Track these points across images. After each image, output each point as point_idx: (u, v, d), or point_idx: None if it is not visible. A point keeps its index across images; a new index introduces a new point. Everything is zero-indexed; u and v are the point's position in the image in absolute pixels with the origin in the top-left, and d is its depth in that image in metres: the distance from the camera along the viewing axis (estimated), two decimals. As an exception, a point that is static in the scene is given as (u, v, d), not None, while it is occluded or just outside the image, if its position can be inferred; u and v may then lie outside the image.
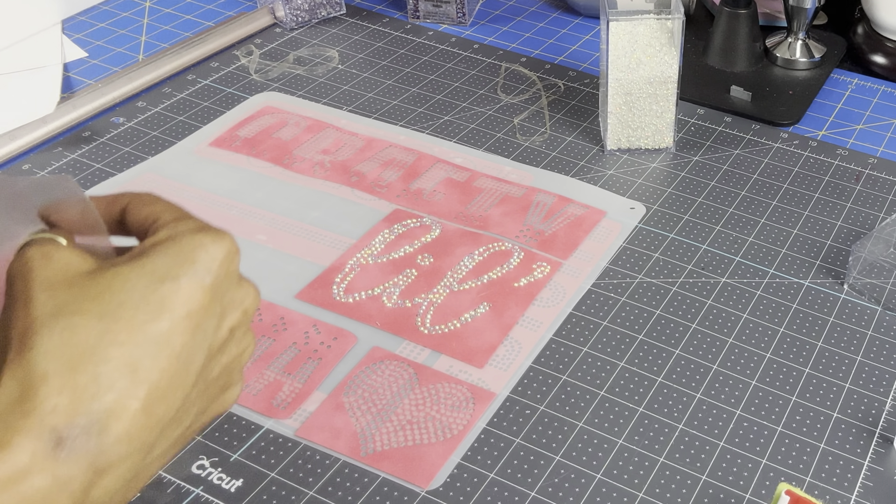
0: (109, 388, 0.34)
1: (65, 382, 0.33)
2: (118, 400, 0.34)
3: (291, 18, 0.99)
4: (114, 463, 0.34)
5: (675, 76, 0.78)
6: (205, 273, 0.37)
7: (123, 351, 0.34)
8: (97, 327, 0.34)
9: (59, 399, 0.33)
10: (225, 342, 0.39)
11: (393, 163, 0.81)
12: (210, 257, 0.38)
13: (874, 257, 0.69)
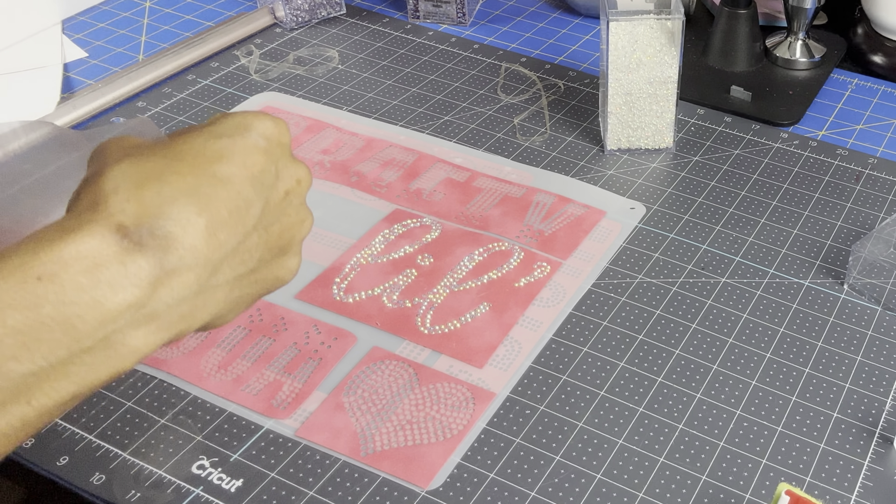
0: (173, 203, 0.36)
1: (131, 195, 0.36)
2: (181, 213, 0.36)
3: (291, 18, 0.99)
4: (178, 268, 0.36)
5: (675, 76, 0.78)
6: (258, 137, 0.40)
7: (186, 181, 0.37)
8: (161, 162, 0.37)
9: (126, 205, 0.36)
10: (281, 202, 0.41)
11: (393, 163, 0.81)
12: (263, 126, 0.41)
13: (874, 257, 0.69)
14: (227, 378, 0.62)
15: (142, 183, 0.37)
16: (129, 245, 0.35)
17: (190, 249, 0.37)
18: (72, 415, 0.60)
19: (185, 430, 0.59)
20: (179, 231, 0.37)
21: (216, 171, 0.39)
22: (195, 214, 0.37)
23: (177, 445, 0.58)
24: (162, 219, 0.36)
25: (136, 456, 0.57)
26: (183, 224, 0.37)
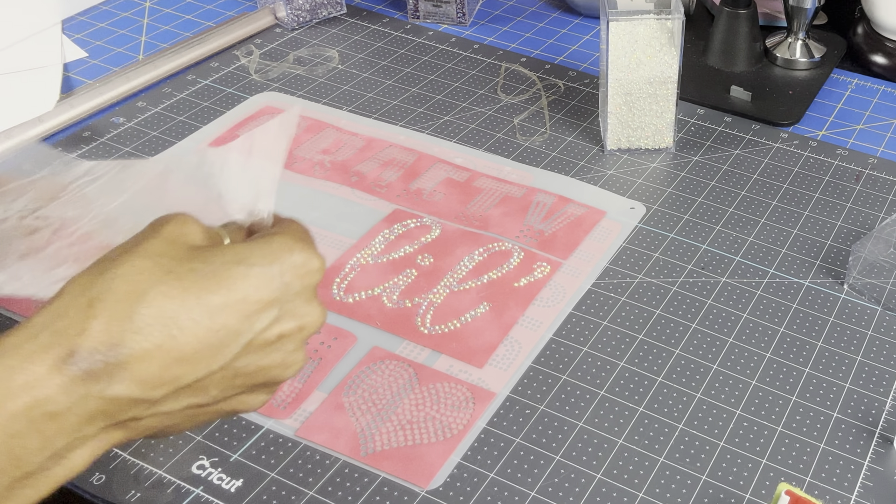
0: (139, 331, 0.35)
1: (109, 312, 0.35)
2: (142, 343, 0.35)
3: (292, 18, 0.99)
4: (119, 396, 0.35)
5: (675, 76, 0.78)
6: (279, 272, 0.39)
7: (166, 306, 0.36)
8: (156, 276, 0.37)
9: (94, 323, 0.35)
10: (270, 344, 0.40)
11: (393, 163, 0.81)
12: (292, 261, 0.40)
13: (874, 257, 0.69)
14: (227, 378, 0.62)
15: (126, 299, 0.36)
16: (70, 370, 0.35)
17: (137, 382, 0.36)
18: (72, 415, 0.60)
19: (185, 430, 0.59)
20: (133, 362, 0.35)
21: (207, 301, 0.37)
22: (156, 346, 0.36)
23: (177, 445, 0.58)
24: (120, 346, 0.35)
25: (136, 456, 0.57)
26: (139, 355, 0.35)
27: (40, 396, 0.34)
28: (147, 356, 0.36)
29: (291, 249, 0.40)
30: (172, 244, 0.39)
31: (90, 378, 0.35)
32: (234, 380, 0.39)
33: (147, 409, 0.37)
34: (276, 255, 0.39)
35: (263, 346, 0.39)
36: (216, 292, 0.37)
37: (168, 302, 0.36)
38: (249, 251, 0.39)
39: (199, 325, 0.37)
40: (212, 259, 0.38)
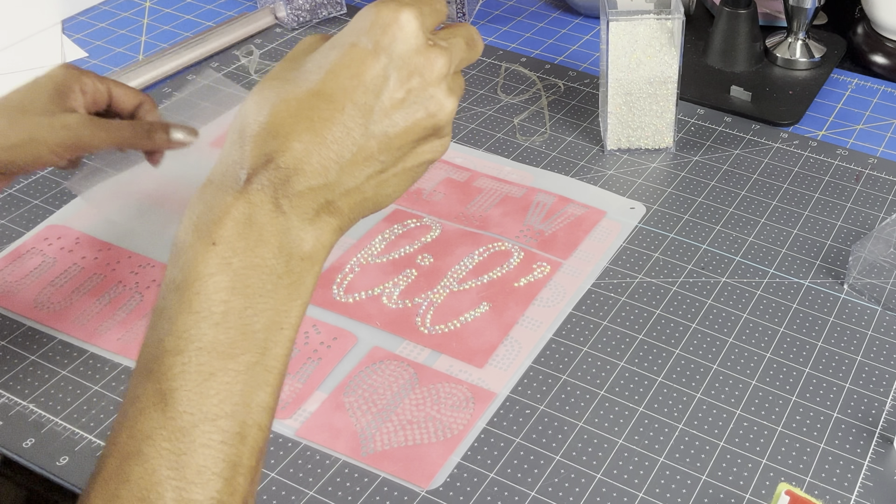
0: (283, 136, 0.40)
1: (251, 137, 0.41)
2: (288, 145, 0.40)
3: (293, 18, 0.99)
4: (301, 191, 0.40)
5: (675, 76, 0.78)
6: (367, 40, 0.42)
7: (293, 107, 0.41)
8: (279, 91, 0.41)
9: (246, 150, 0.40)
10: (402, 101, 0.42)
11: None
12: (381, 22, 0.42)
13: (874, 257, 0.69)
14: (227, 378, 0.62)
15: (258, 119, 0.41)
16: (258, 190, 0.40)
17: (307, 174, 0.40)
18: (72, 415, 0.60)
19: (185, 430, 0.59)
20: (293, 162, 0.40)
21: (319, 89, 0.41)
22: (301, 142, 0.40)
23: (177, 445, 0.58)
24: (276, 156, 0.40)
25: (136, 456, 0.57)
26: (294, 155, 0.40)
27: (238, 215, 0.39)
28: (300, 153, 0.40)
29: (378, 16, 0.42)
30: (291, 59, 0.43)
31: (271, 188, 0.40)
32: (390, 141, 0.43)
33: (331, 191, 0.41)
34: (365, 27, 0.42)
35: (397, 104, 0.42)
36: (330, 80, 0.41)
37: (296, 104, 0.41)
38: (342, 34, 0.43)
39: (327, 110, 0.41)
40: (317, 55, 0.42)
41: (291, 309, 0.41)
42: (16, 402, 0.61)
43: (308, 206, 0.41)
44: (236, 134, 0.41)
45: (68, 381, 0.62)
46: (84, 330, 0.65)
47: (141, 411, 0.38)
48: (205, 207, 0.40)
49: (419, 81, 0.43)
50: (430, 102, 0.43)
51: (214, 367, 0.38)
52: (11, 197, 0.77)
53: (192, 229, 0.40)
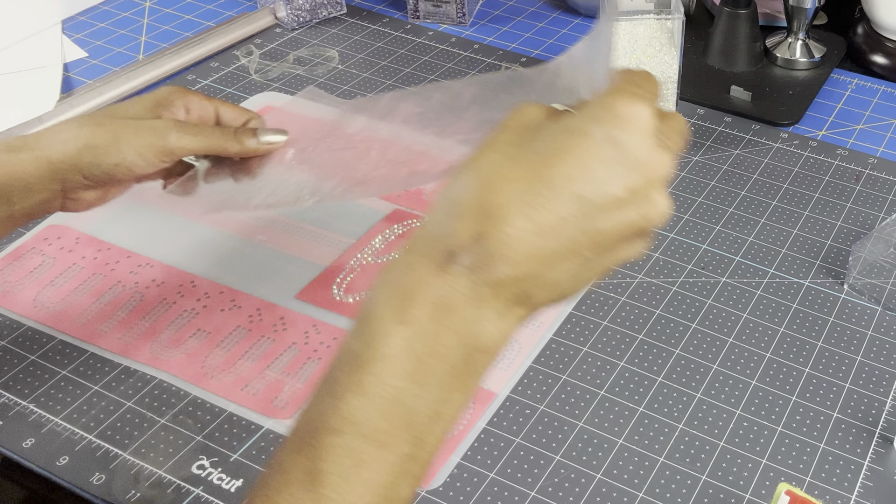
0: (498, 219, 0.38)
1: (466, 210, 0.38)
2: (502, 229, 0.38)
3: (292, 18, 0.99)
4: (501, 279, 0.38)
5: (675, 76, 0.78)
6: (606, 133, 0.40)
7: (517, 189, 0.38)
8: (505, 166, 0.39)
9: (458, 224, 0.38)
10: (621, 200, 0.40)
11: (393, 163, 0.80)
12: (617, 120, 0.40)
13: (874, 257, 0.69)
14: (227, 378, 0.62)
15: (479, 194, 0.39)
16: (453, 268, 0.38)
17: (511, 263, 0.38)
18: (72, 415, 0.60)
19: (185, 430, 0.59)
20: (501, 247, 0.38)
21: (549, 176, 0.39)
22: (516, 229, 0.38)
23: (177, 445, 0.58)
24: (486, 238, 0.38)
25: (136, 456, 0.57)
26: (504, 240, 0.38)
27: (435, 297, 0.38)
28: (511, 239, 0.38)
29: (614, 107, 0.40)
30: (514, 131, 0.41)
31: (472, 271, 0.38)
32: (601, 239, 0.40)
33: (532, 283, 0.39)
34: (600, 117, 0.40)
35: (616, 203, 0.40)
36: (555, 166, 0.39)
37: (515, 186, 0.38)
38: (575, 119, 0.40)
39: (548, 199, 0.38)
40: (545, 135, 0.40)
41: (455, 400, 0.39)
42: (16, 402, 0.61)
43: (505, 296, 0.39)
44: (447, 202, 0.39)
45: (68, 381, 0.62)
46: (84, 330, 0.65)
47: (286, 484, 0.37)
48: (402, 277, 0.39)
49: (643, 182, 0.40)
50: (648, 205, 0.41)
51: (369, 456, 0.37)
52: (11, 197, 0.77)
53: (384, 301, 0.38)
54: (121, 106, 0.60)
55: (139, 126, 0.58)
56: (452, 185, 0.40)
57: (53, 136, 0.57)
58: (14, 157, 0.56)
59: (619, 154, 0.40)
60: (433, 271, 0.38)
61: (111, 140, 0.57)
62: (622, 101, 0.41)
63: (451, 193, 0.40)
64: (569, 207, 0.39)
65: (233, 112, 0.63)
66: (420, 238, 0.39)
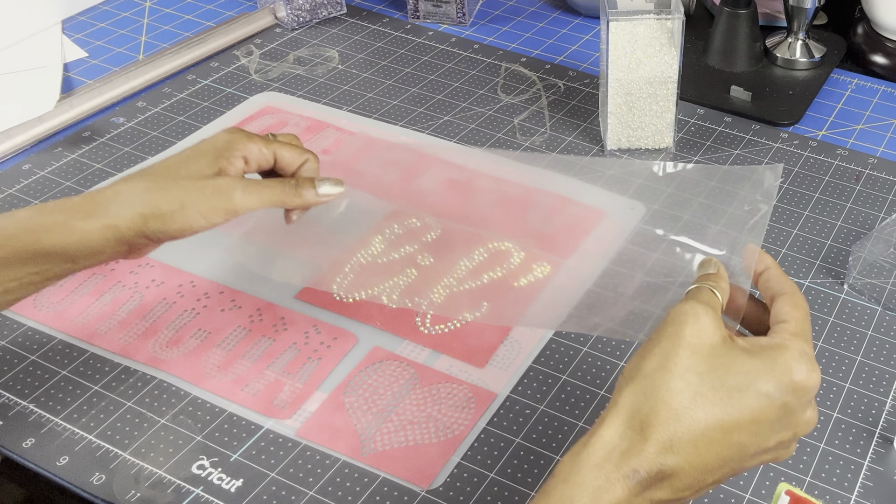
0: (676, 451, 0.43)
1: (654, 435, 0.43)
2: (677, 461, 0.43)
3: (292, 18, 0.99)
4: (661, 500, 0.44)
5: (675, 76, 0.78)
6: (780, 395, 0.44)
7: (697, 428, 0.43)
8: (692, 401, 0.44)
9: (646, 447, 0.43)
10: (769, 449, 0.46)
11: (393, 162, 0.81)
12: (793, 384, 0.45)
13: (874, 257, 0.69)
14: (227, 378, 0.62)
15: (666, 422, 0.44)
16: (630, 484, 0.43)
17: (673, 489, 0.44)
18: (72, 415, 0.60)
19: (185, 430, 0.59)
20: (671, 476, 0.43)
21: (725, 422, 0.44)
22: (687, 463, 0.43)
23: (177, 445, 0.58)
24: (663, 464, 0.43)
25: (136, 456, 0.57)
26: (674, 471, 0.43)
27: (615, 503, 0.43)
28: (680, 471, 0.43)
29: (792, 370, 0.45)
30: (695, 355, 0.45)
31: (643, 487, 0.43)
32: (738, 470, 0.46)
33: (676, 501, 0.45)
34: (780, 378, 0.45)
35: (765, 451, 0.46)
36: (732, 415, 0.44)
37: (696, 425, 0.43)
38: (756, 371, 0.45)
39: (719, 443, 0.44)
40: (726, 376, 0.45)
41: None
42: (16, 402, 0.61)
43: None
44: (636, 419, 0.44)
45: (68, 381, 0.62)
46: (84, 330, 0.65)
47: None
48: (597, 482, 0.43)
49: (791, 436, 0.46)
50: (785, 452, 0.47)
51: None
52: (11, 197, 0.77)
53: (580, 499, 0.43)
54: (182, 161, 0.61)
55: (204, 189, 0.59)
56: (642, 402, 0.44)
57: (121, 204, 0.58)
58: (83, 224, 0.57)
59: (786, 417, 0.45)
60: (622, 482, 0.43)
61: (177, 206, 0.58)
62: (802, 370, 0.45)
63: (640, 410, 0.44)
64: (731, 452, 0.44)
65: (290, 154, 0.63)
66: (610, 445, 0.44)
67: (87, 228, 0.57)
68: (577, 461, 0.45)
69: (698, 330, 0.46)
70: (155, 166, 0.61)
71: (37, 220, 0.57)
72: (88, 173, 0.80)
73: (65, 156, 0.82)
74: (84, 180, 0.79)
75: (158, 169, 0.60)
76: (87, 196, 0.59)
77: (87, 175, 0.80)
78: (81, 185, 0.78)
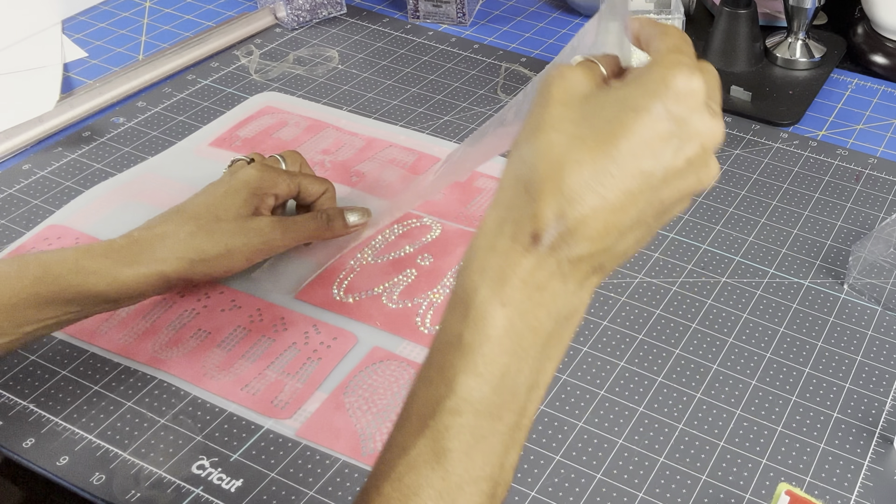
0: (573, 200, 0.40)
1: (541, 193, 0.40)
2: (578, 209, 0.40)
3: (292, 18, 0.99)
4: (580, 256, 0.40)
5: (675, 76, 0.77)
6: (663, 108, 0.41)
7: (587, 170, 0.40)
8: (570, 148, 0.40)
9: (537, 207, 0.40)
10: (681, 171, 0.42)
11: (393, 163, 0.81)
12: (672, 93, 0.41)
13: (874, 257, 0.69)
14: (227, 378, 0.62)
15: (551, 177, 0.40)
16: (538, 249, 0.40)
17: (588, 240, 0.40)
18: (72, 415, 0.60)
19: (185, 430, 0.59)
20: (579, 227, 0.40)
21: (614, 154, 0.40)
22: (591, 208, 0.40)
23: (177, 445, 0.58)
24: (564, 218, 0.40)
25: (136, 456, 0.57)
26: (581, 220, 0.40)
27: (526, 276, 0.40)
28: (585, 218, 0.40)
29: (666, 79, 0.41)
30: (566, 105, 0.42)
31: (553, 250, 0.40)
32: (662, 207, 0.43)
33: (606, 255, 0.42)
34: (658, 92, 0.41)
35: (677, 173, 0.42)
36: (621, 146, 0.40)
37: (584, 167, 0.40)
38: (629, 94, 0.42)
39: (616, 177, 0.40)
40: (605, 113, 0.41)
41: (548, 368, 0.42)
42: (16, 402, 0.61)
43: (585, 270, 0.41)
44: (521, 185, 0.41)
45: (68, 381, 0.62)
46: (84, 330, 0.65)
47: (411, 466, 0.40)
48: (493, 262, 0.40)
49: (699, 151, 0.43)
50: (704, 171, 0.43)
51: (486, 430, 0.40)
52: (11, 197, 0.77)
53: (481, 284, 0.40)
54: (219, 202, 0.65)
55: (247, 233, 0.64)
56: (520, 167, 0.41)
57: (167, 249, 0.62)
58: (129, 271, 0.60)
59: (679, 129, 0.41)
60: (523, 253, 0.40)
61: (223, 251, 0.63)
62: (678, 76, 0.42)
63: (521, 175, 0.41)
64: (636, 183, 0.41)
65: (312, 185, 0.69)
66: (498, 215, 0.41)
67: (133, 275, 0.60)
68: (467, 258, 0.42)
69: (565, 85, 0.43)
70: (195, 208, 0.64)
71: (83, 265, 0.59)
72: (88, 173, 0.80)
73: (65, 156, 0.82)
74: (84, 180, 0.79)
75: (199, 210, 0.64)
76: (132, 239, 0.62)
77: (87, 175, 0.80)
78: (81, 185, 0.78)
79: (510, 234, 0.40)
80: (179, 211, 0.64)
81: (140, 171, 0.80)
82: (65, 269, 0.58)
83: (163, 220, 0.64)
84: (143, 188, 0.78)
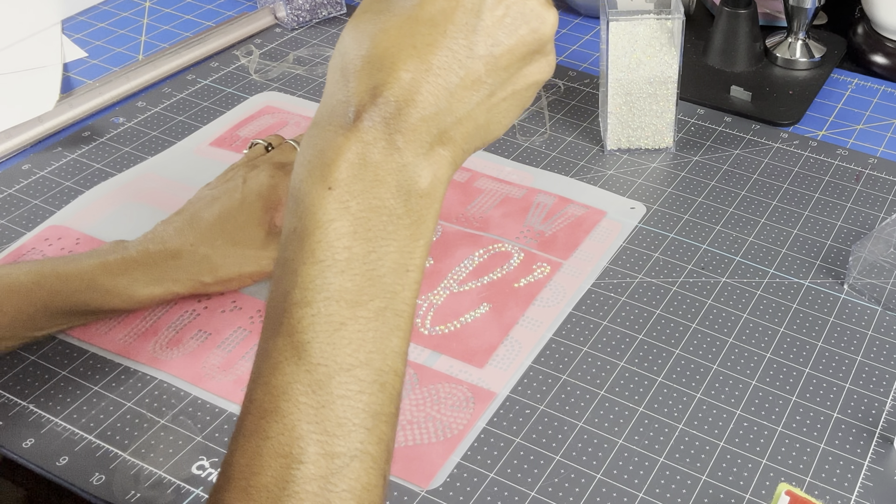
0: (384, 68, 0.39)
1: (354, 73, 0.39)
2: (392, 74, 0.39)
3: (292, 18, 0.99)
4: (412, 125, 0.39)
5: (675, 76, 0.78)
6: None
7: (389, 35, 0.39)
8: (369, 23, 0.40)
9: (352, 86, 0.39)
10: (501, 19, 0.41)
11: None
12: None
13: (874, 257, 0.69)
14: (227, 379, 0.62)
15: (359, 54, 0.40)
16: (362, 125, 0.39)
17: (416, 103, 0.39)
18: (72, 415, 0.60)
19: (185, 430, 0.59)
20: (400, 92, 0.39)
21: (425, 14, 0.40)
22: (406, 69, 0.39)
23: (177, 445, 0.58)
24: (383, 87, 0.39)
25: (136, 456, 0.57)
26: (399, 84, 0.39)
27: (352, 157, 0.38)
28: (409, 82, 0.39)
29: None
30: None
31: (383, 123, 0.39)
32: (499, 61, 0.41)
33: (443, 119, 0.40)
34: None
35: (498, 22, 0.41)
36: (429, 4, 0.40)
37: (397, 32, 0.39)
38: None
39: (431, 35, 0.40)
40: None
41: (415, 250, 0.40)
42: (16, 402, 0.61)
43: (422, 138, 0.39)
44: (338, 72, 0.40)
45: (68, 381, 0.62)
46: (84, 330, 0.65)
47: (275, 367, 0.38)
48: (315, 151, 0.39)
49: None
50: (531, 16, 0.42)
51: (344, 316, 0.38)
52: (11, 197, 0.77)
53: (306, 175, 0.39)
54: (235, 221, 0.65)
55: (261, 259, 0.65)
56: (337, 55, 0.41)
57: (181, 269, 0.64)
58: (145, 291, 0.63)
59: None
60: (344, 133, 0.39)
61: (236, 275, 0.66)
62: None
63: (338, 62, 0.40)
64: (453, 38, 0.40)
65: None
66: (323, 110, 0.40)
67: (148, 294, 0.63)
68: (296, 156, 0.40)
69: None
70: (210, 224, 0.65)
71: (100, 282, 0.61)
72: (88, 173, 0.80)
73: (65, 156, 0.82)
74: (84, 180, 0.79)
75: (214, 231, 0.65)
76: (147, 254, 0.63)
77: (87, 175, 0.80)
78: (81, 185, 0.78)
79: (331, 121, 0.39)
80: (193, 222, 0.65)
81: (140, 172, 0.80)
82: (82, 286, 0.60)
83: (177, 232, 0.64)
84: (143, 188, 0.78)
